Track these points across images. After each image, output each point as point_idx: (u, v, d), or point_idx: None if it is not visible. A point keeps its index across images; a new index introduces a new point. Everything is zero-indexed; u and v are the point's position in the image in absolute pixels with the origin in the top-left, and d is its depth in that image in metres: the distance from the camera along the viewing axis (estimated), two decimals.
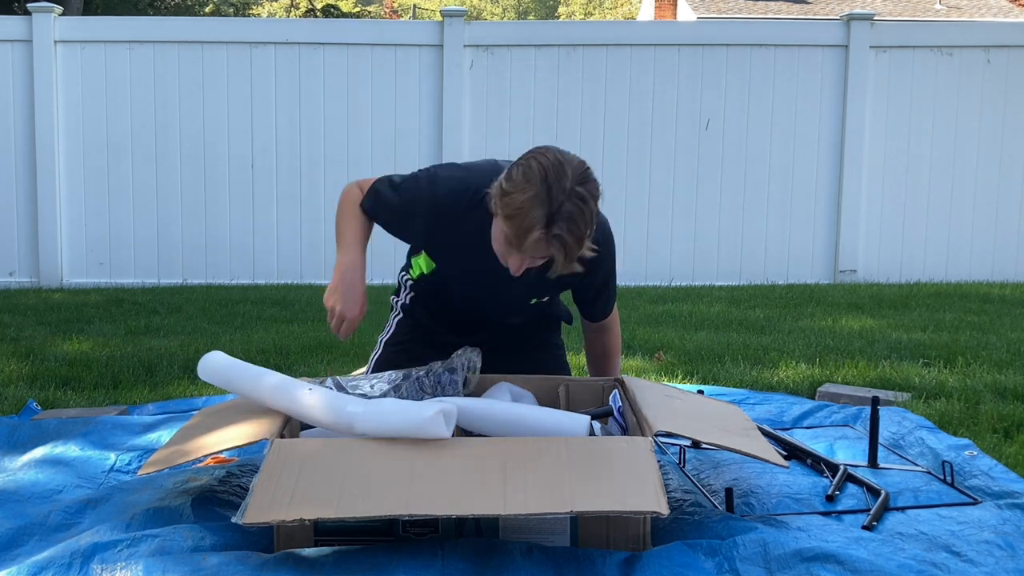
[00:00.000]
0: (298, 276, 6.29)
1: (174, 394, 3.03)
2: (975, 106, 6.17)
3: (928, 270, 6.23)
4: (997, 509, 1.77)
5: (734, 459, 2.12)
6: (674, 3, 21.40)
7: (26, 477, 2.06)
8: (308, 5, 19.66)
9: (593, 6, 43.01)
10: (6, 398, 2.91)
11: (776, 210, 6.23)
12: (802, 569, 1.48)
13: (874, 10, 16.69)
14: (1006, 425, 2.46)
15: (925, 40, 6.17)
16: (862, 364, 3.32)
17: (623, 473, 1.56)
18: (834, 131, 6.18)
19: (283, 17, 21.37)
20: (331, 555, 1.52)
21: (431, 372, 2.05)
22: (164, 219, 6.26)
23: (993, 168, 6.20)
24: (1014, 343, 3.67)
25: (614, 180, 6.18)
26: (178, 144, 6.24)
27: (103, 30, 6.27)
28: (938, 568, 1.52)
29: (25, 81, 6.15)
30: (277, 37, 6.23)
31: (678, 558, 1.52)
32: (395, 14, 32.08)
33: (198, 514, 1.77)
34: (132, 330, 4.33)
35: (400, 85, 6.22)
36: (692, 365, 3.39)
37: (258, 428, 1.79)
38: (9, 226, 6.23)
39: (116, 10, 14.82)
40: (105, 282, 6.24)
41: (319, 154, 6.26)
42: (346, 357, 3.61)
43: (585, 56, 6.18)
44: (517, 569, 1.49)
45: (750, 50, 6.18)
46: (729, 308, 4.87)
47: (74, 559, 1.52)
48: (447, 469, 1.58)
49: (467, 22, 6.17)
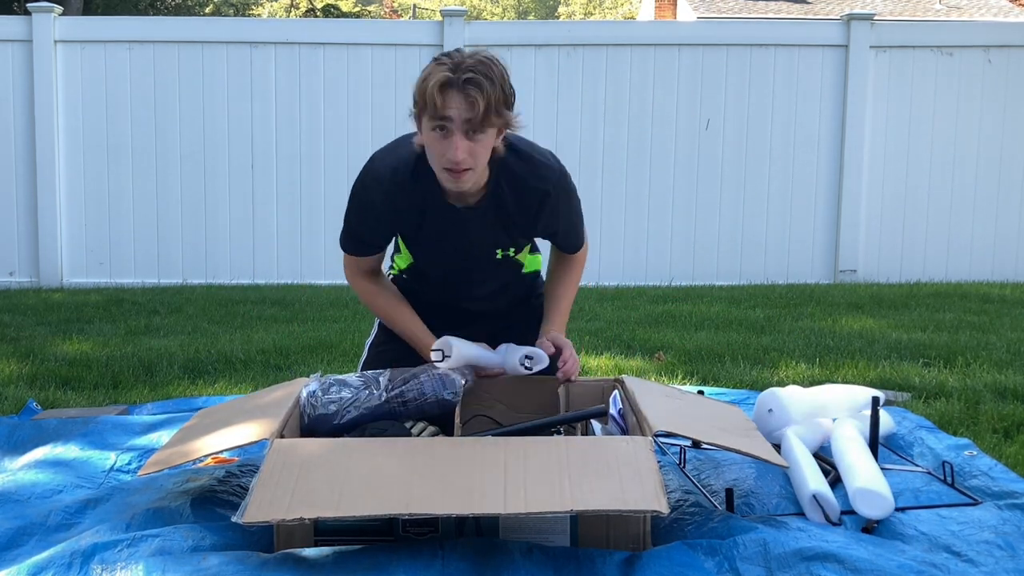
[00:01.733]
0: (298, 276, 6.29)
1: (174, 394, 3.03)
2: (975, 106, 6.17)
3: (928, 270, 6.23)
4: (997, 509, 1.77)
5: (734, 459, 2.12)
6: (674, 3, 21.40)
7: (26, 477, 2.05)
8: (308, 5, 19.66)
9: (593, 6, 43.00)
10: (6, 398, 2.91)
11: (776, 210, 6.23)
12: (802, 568, 1.48)
13: (874, 10, 16.70)
14: (1006, 425, 2.46)
15: (925, 40, 6.17)
16: (862, 364, 3.32)
17: (623, 472, 1.56)
18: (834, 131, 6.18)
19: (283, 17, 21.37)
20: (331, 555, 1.52)
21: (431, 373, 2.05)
22: (164, 219, 6.26)
23: (993, 168, 6.20)
24: (1014, 343, 3.67)
25: (614, 180, 6.18)
26: (178, 144, 6.24)
27: (103, 30, 6.27)
28: (938, 568, 1.52)
29: (25, 81, 6.15)
30: (277, 37, 6.23)
31: (678, 558, 1.52)
32: (395, 14, 32.08)
33: (198, 514, 1.77)
34: (132, 330, 4.33)
35: (400, 85, 6.21)
36: (692, 365, 3.39)
37: (258, 428, 1.79)
38: (9, 226, 6.23)
39: (116, 10, 14.81)
40: (105, 282, 6.24)
41: (319, 154, 6.26)
42: (346, 357, 3.61)
43: (585, 56, 6.18)
44: (517, 569, 1.49)
45: (750, 50, 6.18)
46: (729, 308, 4.87)
47: (74, 559, 1.52)
48: (447, 469, 1.58)
49: (467, 22, 6.17)
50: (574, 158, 6.01)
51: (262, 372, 3.36)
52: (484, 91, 1.78)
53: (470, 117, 1.80)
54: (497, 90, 1.81)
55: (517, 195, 2.01)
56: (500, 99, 1.82)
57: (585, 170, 6.08)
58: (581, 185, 2.23)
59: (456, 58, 1.81)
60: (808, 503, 1.79)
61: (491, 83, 1.80)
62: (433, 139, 1.85)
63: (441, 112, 1.79)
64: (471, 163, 1.85)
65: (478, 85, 1.78)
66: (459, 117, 1.80)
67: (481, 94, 1.78)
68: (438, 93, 1.77)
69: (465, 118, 1.80)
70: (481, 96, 1.78)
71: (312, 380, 2.07)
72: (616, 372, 3.28)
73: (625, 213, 6.16)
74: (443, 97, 1.78)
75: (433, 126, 1.83)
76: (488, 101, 1.79)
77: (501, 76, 1.83)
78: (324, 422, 1.98)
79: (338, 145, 6.25)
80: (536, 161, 2.02)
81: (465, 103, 1.79)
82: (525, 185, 2.00)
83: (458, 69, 1.78)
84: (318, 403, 1.99)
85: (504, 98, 1.84)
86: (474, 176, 1.90)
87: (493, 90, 1.80)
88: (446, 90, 1.78)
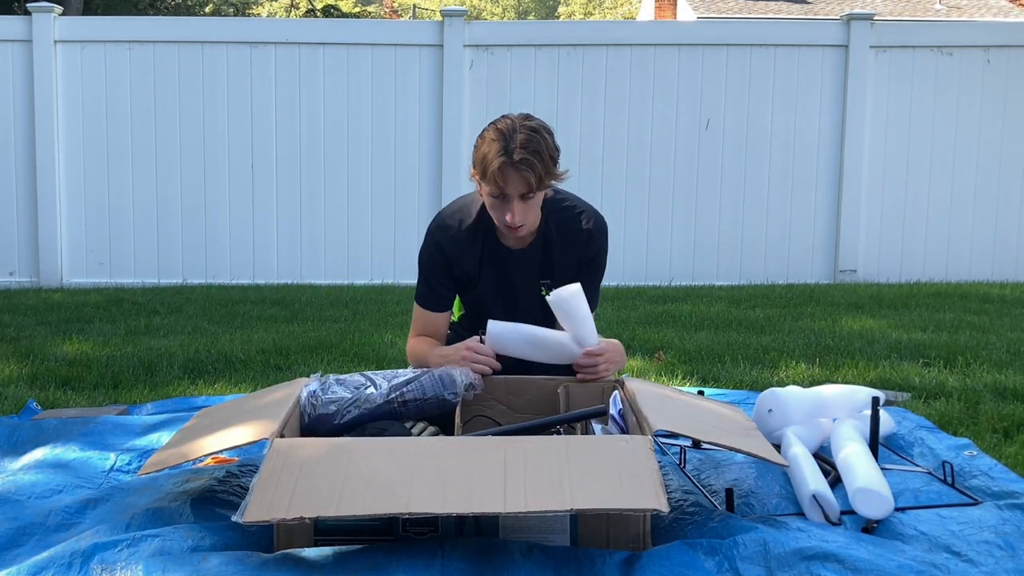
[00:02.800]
0: (298, 276, 6.29)
1: (174, 394, 3.03)
2: (975, 106, 6.17)
3: (928, 270, 6.23)
4: (997, 509, 1.77)
5: (734, 459, 2.12)
6: (674, 3, 21.40)
7: (26, 478, 2.05)
8: (308, 5, 19.66)
9: (593, 6, 43.00)
10: (6, 398, 2.91)
11: (776, 210, 6.23)
12: (802, 568, 1.48)
13: (874, 10, 16.69)
14: (1006, 425, 2.46)
15: (925, 40, 6.17)
16: (862, 364, 3.32)
17: (623, 471, 1.56)
18: (834, 131, 6.18)
19: (283, 17, 21.37)
20: (331, 555, 1.52)
21: (432, 374, 2.05)
22: (164, 219, 6.26)
23: (993, 168, 6.20)
24: (1014, 343, 3.67)
25: (614, 180, 6.18)
26: (178, 144, 6.25)
27: (103, 30, 6.27)
28: (938, 568, 1.51)
29: (25, 81, 6.15)
30: (277, 37, 6.23)
31: (678, 557, 1.52)
32: (395, 14, 32.08)
33: (198, 514, 1.77)
34: (132, 330, 4.33)
35: (400, 85, 6.22)
36: (692, 365, 3.39)
37: (258, 428, 1.79)
38: (9, 226, 6.23)
39: (116, 10, 14.82)
40: (105, 282, 6.24)
41: (319, 154, 6.27)
42: (346, 357, 3.61)
43: (585, 56, 6.18)
44: (517, 569, 1.49)
45: (750, 50, 6.18)
46: (729, 308, 4.87)
47: (74, 559, 1.52)
48: (447, 468, 1.58)
49: (467, 22, 6.18)
50: (574, 158, 6.01)
51: (262, 372, 3.36)
52: (536, 170, 2.08)
53: (524, 192, 2.10)
54: (546, 163, 2.10)
55: (564, 237, 2.30)
56: (549, 170, 2.11)
57: (585, 170, 6.07)
58: (581, 185, 2.27)
59: (507, 134, 2.09)
60: (808, 503, 1.79)
61: (540, 159, 2.08)
62: (493, 203, 2.16)
63: (501, 190, 2.10)
64: (525, 222, 2.16)
65: (531, 166, 2.07)
66: (515, 192, 2.10)
67: (533, 173, 2.07)
68: (498, 174, 2.08)
69: (520, 193, 2.10)
70: (533, 174, 2.07)
71: (312, 380, 2.07)
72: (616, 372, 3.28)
73: (625, 213, 6.16)
74: (502, 177, 2.08)
75: (492, 193, 2.13)
76: (539, 177, 2.09)
77: (549, 148, 2.11)
78: (324, 422, 1.98)
79: (338, 145, 6.26)
80: (582, 206, 2.34)
81: (521, 181, 2.08)
82: (571, 227, 2.30)
83: (511, 152, 2.06)
84: (318, 403, 1.99)
85: (552, 167, 2.13)
86: (528, 229, 2.21)
87: (543, 165, 2.09)
88: (504, 171, 2.07)
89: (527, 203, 2.13)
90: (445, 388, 2.04)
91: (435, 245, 2.31)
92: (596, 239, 2.31)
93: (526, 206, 2.13)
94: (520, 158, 2.05)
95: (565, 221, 2.30)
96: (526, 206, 2.13)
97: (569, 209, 2.31)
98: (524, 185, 2.08)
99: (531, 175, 2.07)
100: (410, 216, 6.23)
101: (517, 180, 2.08)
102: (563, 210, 2.30)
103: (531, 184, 2.08)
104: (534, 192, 2.11)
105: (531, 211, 2.16)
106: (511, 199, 2.10)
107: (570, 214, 2.30)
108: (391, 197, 6.27)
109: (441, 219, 2.35)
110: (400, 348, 3.80)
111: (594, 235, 2.30)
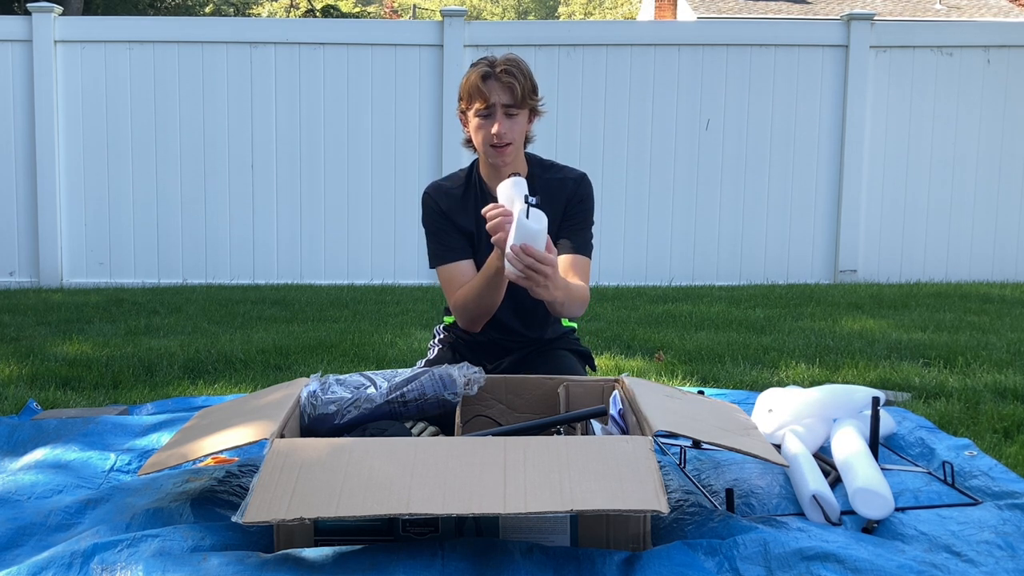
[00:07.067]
0: (298, 276, 6.29)
1: (174, 394, 3.03)
2: (975, 106, 6.17)
3: (928, 270, 6.23)
4: (997, 509, 1.77)
5: (734, 459, 2.12)
6: (674, 3, 21.40)
7: (26, 478, 2.05)
8: (308, 5, 19.65)
9: (593, 6, 43.00)
10: (6, 398, 2.91)
11: (776, 210, 6.23)
12: (802, 568, 1.48)
13: (874, 10, 16.70)
14: (1006, 425, 2.46)
15: (925, 40, 6.17)
16: (862, 364, 3.32)
17: (623, 472, 1.56)
18: (834, 131, 6.18)
19: (283, 17, 21.37)
20: (331, 555, 1.52)
21: (432, 373, 2.05)
22: (164, 219, 6.27)
23: (993, 168, 6.20)
24: (1014, 343, 3.67)
25: (614, 180, 6.18)
26: (178, 144, 6.25)
27: (103, 30, 6.27)
28: (938, 568, 1.51)
29: (25, 81, 6.16)
30: (277, 37, 6.23)
31: (678, 558, 1.52)
32: (395, 14, 32.08)
33: (198, 514, 1.77)
34: (132, 330, 4.33)
35: (400, 85, 6.22)
36: (692, 365, 3.39)
37: (258, 428, 1.79)
38: (9, 226, 6.23)
39: (116, 10, 14.82)
40: (105, 282, 6.24)
41: (319, 154, 6.27)
42: (346, 357, 3.61)
43: (585, 56, 6.19)
44: (517, 569, 1.49)
45: (750, 50, 6.18)
46: (729, 308, 4.87)
47: (74, 559, 1.52)
48: (447, 469, 1.58)
49: (467, 22, 6.18)
50: (574, 158, 6.01)
51: (262, 372, 3.36)
52: (518, 80, 2.21)
53: (508, 101, 2.20)
54: (528, 78, 2.25)
55: (549, 188, 2.33)
56: (530, 87, 2.25)
57: (585, 170, 6.03)
58: None
59: (490, 58, 2.25)
60: (808, 503, 1.79)
61: (522, 74, 2.23)
62: (479, 125, 2.24)
63: (486, 98, 2.19)
64: (511, 137, 2.23)
65: (512, 75, 2.20)
66: (499, 102, 2.20)
67: (516, 82, 2.20)
68: (482, 84, 2.19)
69: (504, 102, 2.20)
70: (516, 83, 2.20)
71: (312, 380, 2.07)
72: (616, 372, 3.28)
73: (625, 213, 6.16)
74: (487, 87, 2.19)
75: (478, 114, 2.22)
76: (522, 87, 2.21)
77: (528, 70, 2.28)
78: (324, 422, 1.98)
79: (338, 145, 6.26)
80: (568, 167, 2.45)
81: (504, 90, 2.19)
82: (557, 176, 2.39)
83: (495, 66, 2.21)
84: (318, 403, 1.99)
85: (532, 87, 2.27)
86: (514, 151, 2.27)
87: (524, 79, 2.23)
88: (487, 81, 2.20)
89: (512, 120, 2.22)
90: (445, 388, 2.04)
91: (431, 203, 2.37)
92: (581, 187, 2.38)
93: (511, 122, 2.22)
94: (503, 69, 2.20)
95: (551, 176, 2.38)
96: (511, 122, 2.22)
97: (555, 166, 2.41)
98: (508, 94, 2.19)
99: (515, 83, 2.19)
100: (410, 216, 6.23)
101: (500, 89, 2.19)
102: (549, 167, 2.40)
103: (515, 93, 2.19)
104: (518, 106, 2.20)
105: (516, 129, 2.24)
106: (496, 111, 2.19)
107: (555, 169, 2.40)
108: (391, 197, 6.28)
109: (432, 184, 2.44)
110: (400, 348, 3.80)
111: (579, 183, 2.38)
